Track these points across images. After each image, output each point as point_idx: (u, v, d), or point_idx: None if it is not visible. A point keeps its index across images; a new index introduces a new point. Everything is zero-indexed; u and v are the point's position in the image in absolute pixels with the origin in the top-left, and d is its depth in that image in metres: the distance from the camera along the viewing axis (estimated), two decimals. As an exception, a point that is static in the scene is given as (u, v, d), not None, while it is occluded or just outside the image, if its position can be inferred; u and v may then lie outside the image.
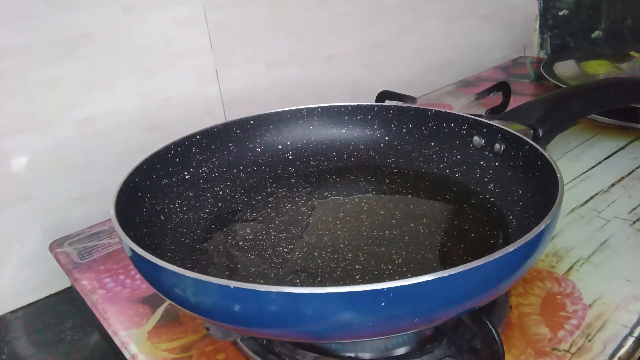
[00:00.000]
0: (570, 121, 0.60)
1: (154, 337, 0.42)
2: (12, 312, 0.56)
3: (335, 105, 0.58)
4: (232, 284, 0.29)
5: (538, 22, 1.06)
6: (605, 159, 0.63)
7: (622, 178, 0.59)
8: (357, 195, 0.51)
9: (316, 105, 0.58)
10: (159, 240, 0.44)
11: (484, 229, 0.45)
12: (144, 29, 0.59)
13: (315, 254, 0.43)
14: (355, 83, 0.82)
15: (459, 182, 0.52)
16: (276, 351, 0.38)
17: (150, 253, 0.33)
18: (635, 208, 0.53)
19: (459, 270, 0.29)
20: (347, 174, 0.56)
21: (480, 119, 0.52)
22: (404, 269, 0.41)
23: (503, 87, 0.68)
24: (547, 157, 0.42)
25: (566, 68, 0.84)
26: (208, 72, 0.66)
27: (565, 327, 0.40)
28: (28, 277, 0.56)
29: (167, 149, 0.50)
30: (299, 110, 0.58)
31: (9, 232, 0.55)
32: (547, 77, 0.79)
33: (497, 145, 0.50)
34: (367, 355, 0.38)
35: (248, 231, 0.47)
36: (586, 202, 0.55)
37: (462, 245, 0.43)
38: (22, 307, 0.56)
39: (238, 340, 0.40)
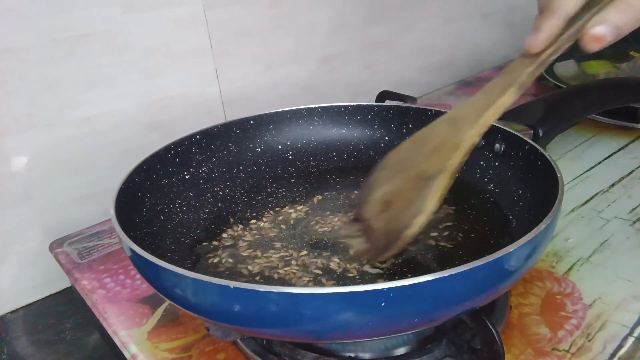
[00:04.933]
0: (570, 121, 0.60)
1: (154, 337, 0.42)
2: (12, 312, 0.56)
3: (335, 105, 0.58)
4: (232, 284, 0.29)
5: (538, 22, 1.06)
6: (605, 159, 0.63)
7: (622, 178, 0.59)
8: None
9: (316, 105, 0.58)
10: (159, 240, 0.44)
11: (484, 229, 0.45)
12: (144, 28, 0.59)
13: (316, 253, 0.43)
14: (355, 83, 0.82)
15: (459, 182, 0.52)
16: (276, 351, 0.38)
17: (150, 253, 0.33)
18: (635, 208, 0.53)
19: (459, 270, 0.29)
20: (347, 174, 0.55)
21: (480, 119, 0.52)
22: (404, 269, 0.41)
23: (503, 87, 0.67)
24: (547, 157, 0.42)
25: (566, 68, 0.83)
26: (208, 72, 0.66)
27: (565, 327, 0.39)
28: (28, 277, 0.56)
29: (167, 149, 0.50)
30: (299, 110, 0.58)
31: (9, 232, 0.55)
32: (547, 77, 0.78)
33: (497, 145, 0.50)
34: (367, 355, 0.38)
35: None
36: (586, 202, 0.55)
37: (462, 245, 0.43)
38: (22, 307, 0.56)
39: (238, 340, 0.40)
